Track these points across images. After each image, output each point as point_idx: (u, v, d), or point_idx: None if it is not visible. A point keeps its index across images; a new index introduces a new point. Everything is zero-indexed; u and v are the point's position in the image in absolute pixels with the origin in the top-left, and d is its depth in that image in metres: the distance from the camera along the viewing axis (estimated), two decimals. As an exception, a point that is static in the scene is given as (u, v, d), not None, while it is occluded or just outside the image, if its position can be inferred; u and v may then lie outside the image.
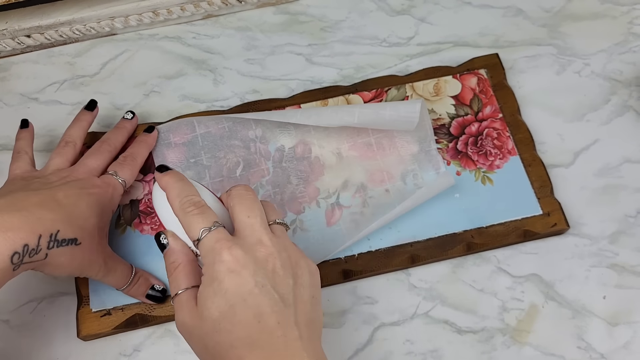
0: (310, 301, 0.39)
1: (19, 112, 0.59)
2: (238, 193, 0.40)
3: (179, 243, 0.41)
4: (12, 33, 0.60)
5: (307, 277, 0.39)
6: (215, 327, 0.36)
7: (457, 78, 0.58)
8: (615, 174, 0.55)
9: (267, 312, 0.36)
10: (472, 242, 0.51)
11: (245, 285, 0.36)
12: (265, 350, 0.36)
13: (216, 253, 0.37)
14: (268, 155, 0.54)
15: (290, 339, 0.36)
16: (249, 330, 0.36)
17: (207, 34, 0.63)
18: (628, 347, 0.48)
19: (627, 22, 0.62)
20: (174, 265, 0.40)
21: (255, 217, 0.39)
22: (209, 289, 0.37)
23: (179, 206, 0.40)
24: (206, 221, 0.38)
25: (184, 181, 0.41)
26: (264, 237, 0.38)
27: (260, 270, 0.37)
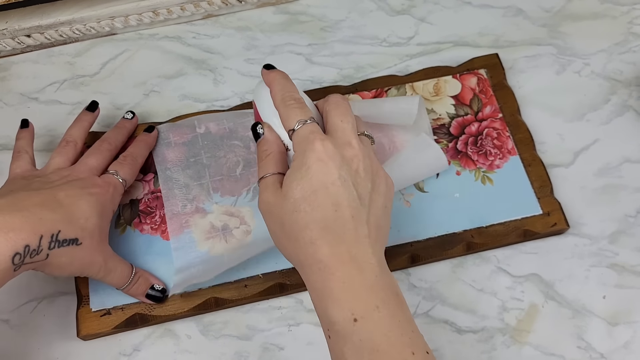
0: (382, 209, 0.41)
1: (19, 111, 0.59)
2: (335, 100, 0.43)
3: (274, 134, 0.43)
4: (12, 33, 0.60)
5: (383, 187, 0.41)
6: (296, 207, 0.39)
7: (457, 78, 0.58)
8: (615, 174, 0.55)
9: (345, 204, 0.38)
10: (472, 242, 0.51)
11: (330, 175, 0.39)
12: (335, 237, 0.38)
13: (309, 142, 0.40)
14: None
15: (360, 234, 0.39)
16: (325, 215, 0.38)
17: (207, 33, 0.63)
18: (628, 346, 0.48)
19: (627, 22, 0.62)
20: (266, 152, 0.43)
21: (347, 123, 0.42)
22: (296, 173, 0.39)
23: (281, 98, 0.42)
24: (303, 114, 0.41)
25: (288, 79, 0.44)
26: (353, 140, 0.41)
27: (345, 167, 0.39)
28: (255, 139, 0.44)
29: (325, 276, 0.38)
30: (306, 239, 0.38)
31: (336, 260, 0.38)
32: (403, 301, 0.39)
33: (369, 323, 0.37)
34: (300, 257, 0.39)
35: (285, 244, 0.40)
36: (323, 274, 0.38)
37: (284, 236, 0.40)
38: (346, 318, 0.37)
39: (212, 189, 0.52)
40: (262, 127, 0.44)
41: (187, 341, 0.49)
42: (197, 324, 0.50)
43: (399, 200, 0.52)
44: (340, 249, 0.38)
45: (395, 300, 0.38)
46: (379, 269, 0.38)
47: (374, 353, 0.36)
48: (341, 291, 0.37)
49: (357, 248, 0.38)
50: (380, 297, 0.37)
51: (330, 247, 0.38)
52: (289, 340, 0.49)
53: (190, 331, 0.50)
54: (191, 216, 0.51)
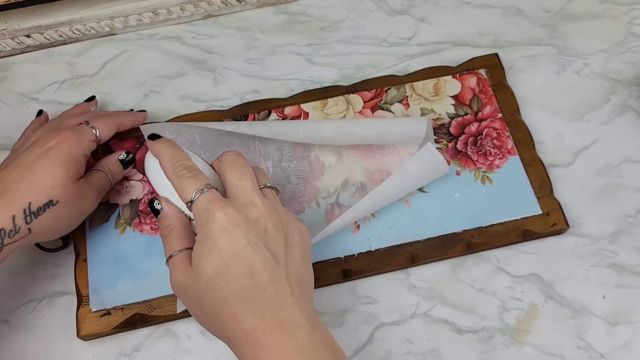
0: (301, 261, 0.40)
1: (19, 112, 0.59)
2: (229, 158, 0.42)
3: (173, 208, 0.42)
4: (12, 33, 0.60)
5: (297, 238, 0.40)
6: (210, 284, 0.37)
7: (457, 78, 0.58)
8: (614, 174, 0.55)
9: (260, 269, 0.37)
10: (471, 242, 0.51)
11: (238, 243, 0.37)
12: (258, 306, 0.37)
13: (209, 212, 0.38)
14: (268, 154, 0.54)
15: (282, 295, 0.37)
16: (242, 286, 0.37)
17: (207, 33, 0.63)
18: (628, 346, 0.48)
19: (626, 22, 0.62)
20: (169, 229, 0.41)
21: (246, 180, 0.40)
22: (202, 248, 0.38)
23: (172, 170, 0.41)
24: (199, 183, 0.40)
25: (176, 147, 0.42)
26: (255, 199, 0.40)
27: (252, 229, 0.38)
28: (155, 215, 0.42)
29: (255, 348, 0.36)
30: (227, 314, 0.37)
31: (263, 329, 0.36)
32: (340, 354, 0.38)
33: None
34: (226, 333, 0.38)
35: (208, 322, 0.39)
36: (252, 346, 0.36)
37: (204, 315, 0.39)
38: None
39: None
40: (159, 202, 0.42)
41: (187, 341, 0.49)
42: (197, 324, 0.50)
43: (398, 200, 0.52)
44: (264, 317, 0.37)
45: (331, 355, 0.37)
46: (310, 327, 0.37)
47: None
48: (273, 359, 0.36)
49: (282, 311, 0.37)
50: (315, 357, 0.36)
51: (254, 317, 0.37)
52: (288, 340, 0.49)
53: (190, 331, 0.50)
54: None
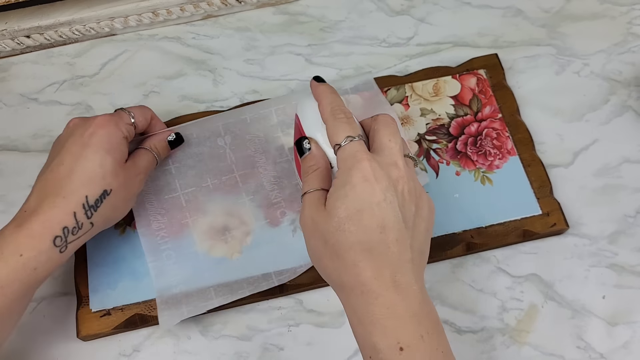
0: (424, 233, 0.41)
1: (19, 112, 0.59)
2: (385, 119, 0.43)
3: (320, 150, 0.43)
4: (12, 33, 0.60)
5: (426, 210, 0.41)
6: (340, 226, 0.38)
7: (457, 78, 0.58)
8: (614, 174, 0.55)
9: (390, 226, 0.38)
10: (471, 242, 0.51)
11: (376, 196, 0.38)
12: (379, 261, 0.37)
13: (356, 160, 0.39)
14: (268, 155, 0.54)
15: (403, 258, 0.38)
16: (371, 237, 0.37)
17: (207, 34, 0.63)
18: (627, 346, 0.48)
19: (626, 23, 0.62)
20: (312, 168, 0.42)
21: (396, 143, 0.41)
22: (341, 191, 0.39)
23: (330, 111, 0.42)
24: (352, 130, 0.40)
25: (337, 94, 0.43)
26: (400, 161, 0.40)
27: (391, 188, 0.39)
28: (300, 155, 0.43)
29: (367, 300, 0.37)
30: (349, 260, 0.38)
31: (379, 284, 0.37)
32: (443, 331, 0.39)
33: (415, 353, 0.36)
34: (342, 278, 0.38)
35: (327, 263, 0.39)
36: (366, 297, 0.37)
37: (325, 255, 0.39)
38: (391, 346, 0.36)
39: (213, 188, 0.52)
40: (308, 142, 0.43)
41: (187, 342, 0.49)
42: (197, 324, 0.50)
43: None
44: (383, 273, 0.37)
45: (438, 329, 0.38)
46: (422, 296, 0.38)
47: None
48: (386, 318, 0.37)
49: (400, 273, 0.37)
50: (425, 326, 0.37)
51: (374, 271, 0.37)
52: (288, 340, 0.49)
53: (190, 332, 0.50)
54: None
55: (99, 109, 0.59)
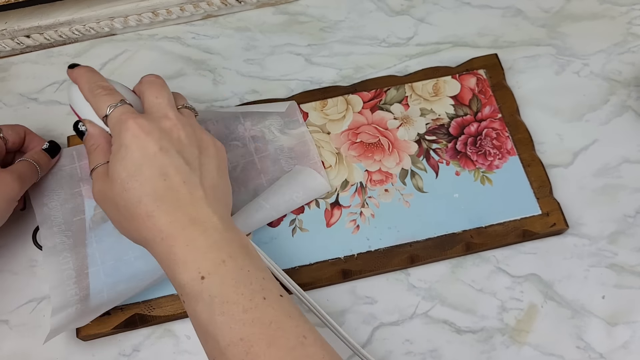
0: (216, 170, 0.42)
1: (18, 112, 0.59)
2: (148, 79, 0.44)
3: (96, 128, 0.44)
4: (12, 33, 0.60)
5: (212, 149, 0.43)
6: (124, 186, 0.39)
7: (456, 78, 0.58)
8: (614, 174, 0.55)
9: (172, 172, 0.40)
10: (471, 242, 0.51)
11: (149, 148, 0.40)
12: (171, 205, 0.39)
13: (122, 123, 0.41)
14: (267, 154, 0.54)
15: (196, 197, 0.40)
16: (156, 187, 0.39)
17: (207, 34, 0.63)
18: (627, 346, 0.48)
19: (626, 23, 0.62)
20: (94, 147, 0.44)
21: (162, 97, 0.43)
22: (117, 155, 0.40)
23: (89, 90, 0.43)
24: (113, 99, 0.42)
25: (94, 71, 0.45)
26: (170, 113, 0.42)
27: (165, 137, 0.40)
28: (81, 137, 0.45)
29: (168, 243, 0.38)
30: (142, 214, 0.39)
31: (176, 226, 0.38)
32: (253, 252, 0.40)
33: (216, 278, 0.37)
34: (142, 233, 0.39)
35: (126, 225, 0.41)
36: (166, 242, 0.38)
37: (122, 218, 0.41)
38: (194, 277, 0.37)
39: None
40: (82, 124, 0.44)
41: (186, 341, 0.49)
42: (196, 324, 0.50)
43: (398, 200, 0.52)
44: (177, 214, 0.39)
45: (243, 252, 0.39)
46: (222, 226, 0.39)
47: (224, 305, 0.37)
48: (186, 253, 0.38)
49: (195, 211, 0.39)
50: (226, 251, 0.38)
51: (168, 215, 0.39)
52: (288, 340, 0.49)
53: (189, 331, 0.50)
54: None
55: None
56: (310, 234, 0.51)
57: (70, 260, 0.50)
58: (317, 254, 0.50)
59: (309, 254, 0.50)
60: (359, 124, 0.56)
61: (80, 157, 0.54)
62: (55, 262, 0.50)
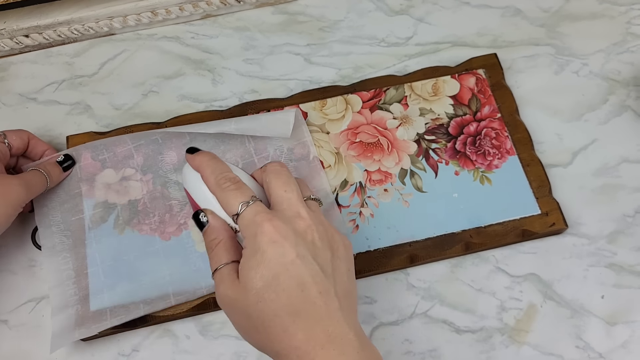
0: (346, 274, 0.39)
1: (17, 112, 0.59)
2: (274, 169, 0.41)
3: (219, 220, 0.41)
4: (11, 33, 0.60)
5: (342, 250, 0.40)
6: (260, 297, 0.36)
7: (456, 78, 0.58)
8: (613, 174, 0.55)
9: (310, 281, 0.36)
10: (470, 242, 0.51)
11: (287, 255, 0.37)
12: (308, 320, 0.36)
13: (257, 225, 0.37)
14: (267, 155, 0.54)
15: (331, 309, 0.37)
16: (293, 299, 0.36)
17: (206, 33, 0.63)
18: (626, 346, 0.48)
19: (625, 22, 0.62)
20: (215, 241, 0.40)
21: (292, 192, 0.40)
22: (252, 260, 0.37)
23: (215, 183, 0.40)
24: (244, 195, 0.39)
25: (217, 159, 0.42)
26: (302, 211, 0.39)
27: (300, 242, 0.37)
28: (200, 228, 0.41)
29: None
30: (278, 328, 0.36)
31: (314, 344, 0.36)
32: None
33: None
34: (275, 347, 0.37)
35: (256, 337, 0.38)
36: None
37: (252, 329, 0.38)
38: None
39: None
40: (204, 214, 0.41)
41: (186, 341, 0.49)
42: (196, 324, 0.50)
43: (397, 200, 0.52)
44: (315, 331, 0.36)
45: None
46: (359, 343, 0.37)
47: None
48: None
49: (332, 325, 0.36)
50: None
51: (305, 332, 0.36)
52: (287, 340, 0.49)
53: (189, 331, 0.50)
54: None
55: (98, 109, 0.59)
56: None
57: (70, 260, 0.50)
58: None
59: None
60: (358, 124, 0.56)
61: (79, 157, 0.54)
62: (54, 262, 0.50)
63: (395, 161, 0.54)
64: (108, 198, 0.53)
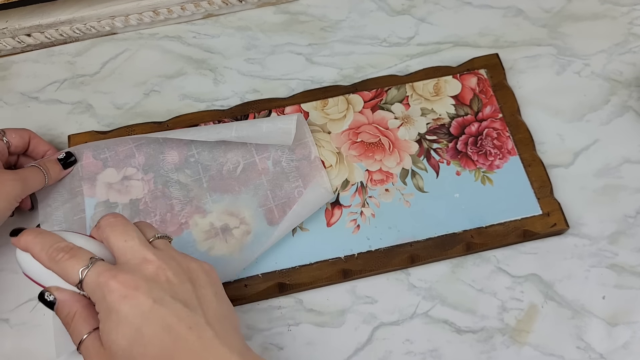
0: (215, 298, 0.39)
1: (19, 111, 0.59)
2: (107, 222, 0.40)
3: (66, 293, 0.39)
4: (13, 32, 0.60)
5: (203, 277, 0.39)
6: (128, 356, 0.35)
7: (457, 78, 0.58)
8: (614, 174, 0.55)
9: (175, 321, 0.36)
10: (471, 242, 0.51)
11: (143, 305, 0.36)
12: (186, 358, 0.35)
13: (103, 285, 0.36)
14: (268, 155, 0.54)
15: (206, 339, 0.36)
16: (162, 345, 0.35)
17: (208, 33, 0.63)
18: (627, 347, 0.48)
19: (627, 23, 0.62)
20: (70, 316, 0.39)
21: (132, 239, 0.39)
22: (108, 323, 0.36)
23: (48, 258, 0.39)
24: (81, 261, 0.38)
25: (44, 233, 0.40)
26: (147, 254, 0.38)
27: (154, 286, 0.36)
28: (51, 308, 0.39)
29: None
30: None
31: None
32: None
33: None
34: None
35: None
36: None
37: None
38: None
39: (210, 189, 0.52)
40: (50, 293, 0.39)
41: (186, 341, 0.49)
42: (196, 323, 0.50)
43: (398, 200, 0.52)
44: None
45: None
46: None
47: None
48: None
49: (212, 356, 0.36)
50: None
51: None
52: (288, 340, 0.49)
53: (189, 331, 0.50)
54: (190, 216, 0.51)
55: (100, 108, 0.59)
56: (311, 234, 0.51)
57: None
58: (317, 254, 0.50)
59: (310, 254, 0.50)
60: (359, 124, 0.56)
61: (81, 156, 0.54)
62: None
63: (396, 161, 0.54)
64: (109, 197, 0.53)
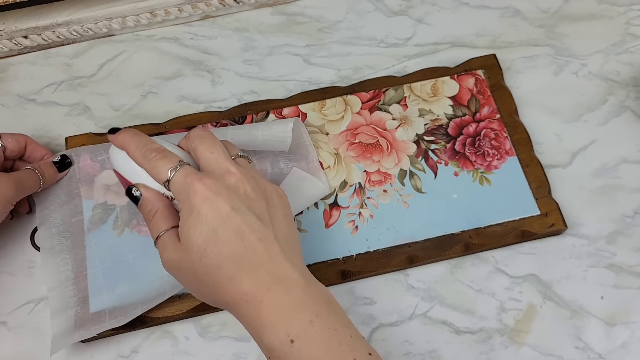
0: (284, 220, 0.41)
1: (16, 113, 0.59)
2: (197, 134, 0.42)
3: (152, 191, 0.42)
4: (9, 34, 0.60)
5: (276, 199, 0.42)
6: (202, 253, 0.38)
7: (455, 79, 0.58)
8: (612, 174, 0.55)
9: (248, 230, 0.38)
10: (470, 243, 0.51)
11: (222, 209, 0.38)
12: (252, 266, 0.38)
13: (188, 186, 0.39)
14: (265, 155, 0.54)
15: (273, 253, 0.38)
16: (234, 249, 0.38)
17: (205, 34, 0.63)
18: (626, 347, 0.48)
19: (624, 23, 0.62)
20: (152, 212, 0.41)
21: (218, 152, 0.41)
22: (189, 220, 0.38)
23: (141, 156, 0.41)
24: (171, 162, 0.40)
25: (139, 134, 0.43)
26: (231, 167, 0.40)
27: (233, 195, 0.39)
28: (135, 203, 0.42)
29: (254, 306, 0.37)
30: (224, 279, 0.38)
31: (259, 287, 0.37)
32: (337, 306, 0.39)
33: (305, 341, 0.36)
34: (224, 297, 0.38)
35: (206, 292, 0.39)
36: (251, 305, 0.37)
37: (201, 285, 0.39)
38: (283, 341, 0.36)
39: None
40: (136, 189, 0.42)
41: (185, 343, 0.49)
42: (195, 325, 0.50)
43: (397, 201, 0.52)
44: (260, 275, 0.38)
45: (328, 308, 0.38)
46: (304, 281, 0.38)
47: None
48: (273, 315, 0.37)
49: (276, 268, 0.38)
50: (312, 310, 0.37)
51: (250, 277, 0.37)
52: (287, 341, 0.49)
53: (188, 333, 0.50)
54: None
55: (97, 110, 0.59)
56: (309, 235, 0.51)
57: (69, 261, 0.50)
58: (315, 255, 0.50)
59: (308, 255, 0.50)
60: (357, 125, 0.56)
61: (79, 158, 0.54)
62: (53, 264, 0.50)
63: (394, 162, 0.54)
64: (107, 199, 0.53)
